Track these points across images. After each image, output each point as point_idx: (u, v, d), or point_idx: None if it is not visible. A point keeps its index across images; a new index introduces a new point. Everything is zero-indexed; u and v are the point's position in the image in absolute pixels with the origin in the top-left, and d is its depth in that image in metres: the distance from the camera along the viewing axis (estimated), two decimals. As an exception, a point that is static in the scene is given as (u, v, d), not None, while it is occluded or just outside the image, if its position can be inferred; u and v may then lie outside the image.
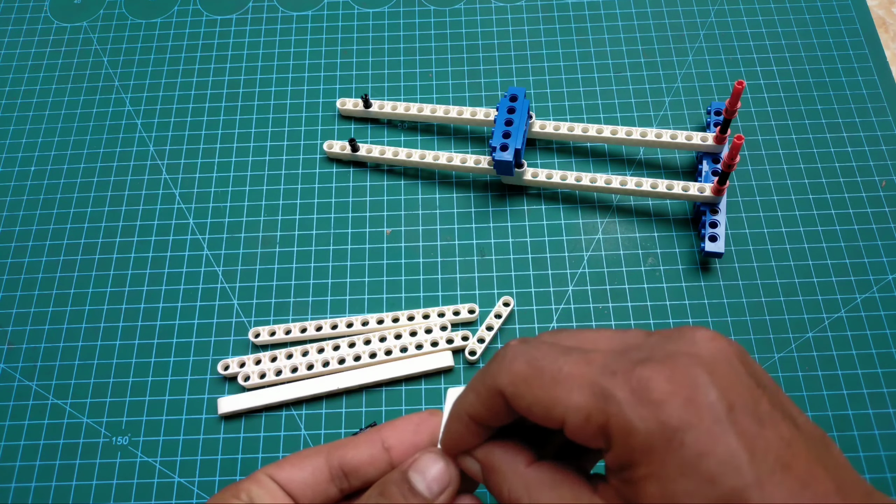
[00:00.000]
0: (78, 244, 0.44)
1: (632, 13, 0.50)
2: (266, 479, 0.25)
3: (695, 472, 0.18)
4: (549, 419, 0.21)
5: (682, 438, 0.19)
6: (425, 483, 0.23)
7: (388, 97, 0.48)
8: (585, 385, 0.20)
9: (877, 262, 0.41)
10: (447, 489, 0.23)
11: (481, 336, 0.39)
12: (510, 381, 0.22)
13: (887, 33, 0.49)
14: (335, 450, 0.25)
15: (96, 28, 0.52)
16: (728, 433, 0.18)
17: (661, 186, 0.41)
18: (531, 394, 0.21)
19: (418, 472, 0.23)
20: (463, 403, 0.24)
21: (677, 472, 0.18)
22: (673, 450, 0.19)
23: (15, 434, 0.38)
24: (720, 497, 0.18)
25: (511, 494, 0.22)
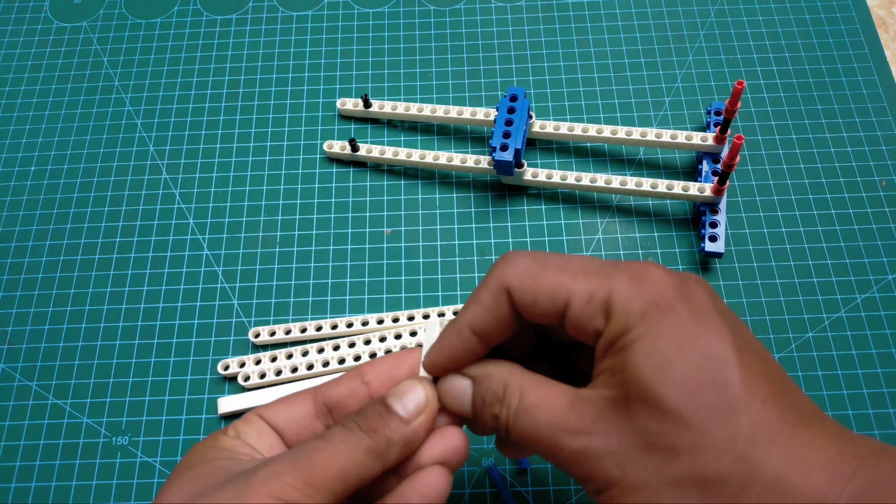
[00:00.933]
0: (78, 244, 0.44)
1: (632, 13, 0.50)
2: (255, 418, 0.26)
3: (684, 333, 0.21)
4: (552, 306, 0.22)
5: (675, 307, 0.21)
6: (402, 404, 0.23)
7: (388, 97, 0.48)
8: (590, 271, 0.22)
9: (877, 262, 0.41)
10: (425, 411, 0.24)
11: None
12: (517, 275, 0.23)
13: (887, 33, 0.49)
14: (319, 389, 0.26)
15: (96, 28, 0.52)
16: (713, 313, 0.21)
17: (661, 186, 0.41)
18: (537, 283, 0.23)
19: (395, 395, 0.24)
20: (463, 316, 0.24)
21: (669, 331, 0.21)
22: (665, 313, 0.21)
23: (15, 434, 0.38)
24: (705, 352, 0.20)
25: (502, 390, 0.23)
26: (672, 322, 0.21)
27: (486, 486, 0.36)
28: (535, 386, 0.23)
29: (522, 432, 0.23)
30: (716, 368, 0.20)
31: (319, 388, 0.26)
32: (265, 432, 0.25)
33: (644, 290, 0.21)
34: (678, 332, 0.21)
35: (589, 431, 0.21)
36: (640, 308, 0.21)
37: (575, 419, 0.22)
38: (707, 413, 0.20)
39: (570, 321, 0.23)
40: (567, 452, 0.21)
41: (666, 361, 0.20)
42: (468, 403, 0.24)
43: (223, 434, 0.25)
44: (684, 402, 0.20)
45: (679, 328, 0.21)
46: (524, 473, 0.36)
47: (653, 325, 0.21)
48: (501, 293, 0.23)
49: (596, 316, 0.22)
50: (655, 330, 0.21)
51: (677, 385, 0.20)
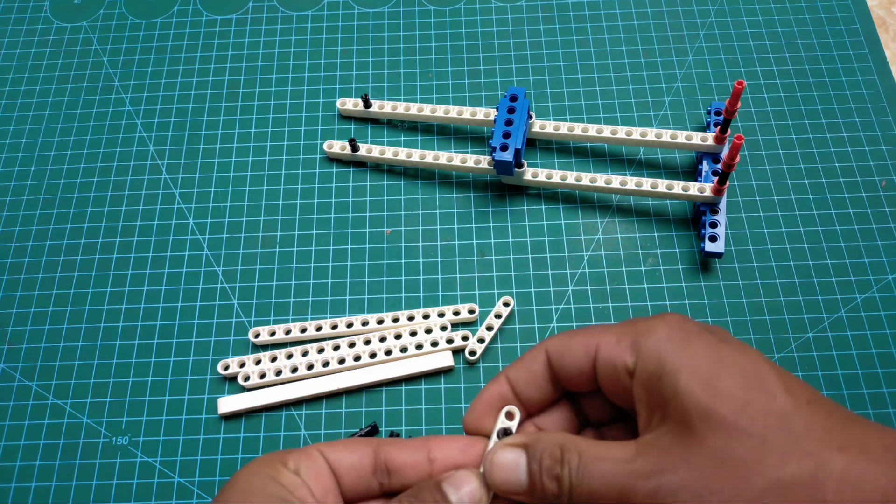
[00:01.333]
0: (78, 244, 0.44)
1: (632, 13, 0.50)
2: (318, 455, 0.25)
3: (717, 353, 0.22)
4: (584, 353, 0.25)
5: (699, 333, 0.23)
6: (458, 495, 0.24)
7: (388, 97, 0.48)
8: (615, 327, 0.25)
9: (877, 262, 0.41)
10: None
11: (481, 336, 0.39)
12: (554, 343, 0.26)
13: (887, 33, 0.49)
14: (384, 445, 0.26)
15: (96, 28, 0.52)
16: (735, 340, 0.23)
17: (661, 186, 0.41)
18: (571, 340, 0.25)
19: (453, 485, 0.24)
20: (505, 370, 0.27)
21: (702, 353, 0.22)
22: (692, 339, 0.23)
23: (15, 434, 0.38)
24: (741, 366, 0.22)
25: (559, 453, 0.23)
26: (702, 345, 0.22)
27: (486, 486, 0.36)
28: (591, 443, 0.23)
29: (589, 487, 0.22)
30: (758, 380, 0.21)
31: (384, 445, 0.26)
32: (324, 474, 0.25)
33: (666, 323, 0.24)
34: (711, 353, 0.22)
35: (660, 470, 0.21)
36: (667, 336, 0.23)
37: (643, 461, 0.22)
38: (764, 421, 0.20)
39: (601, 364, 0.24)
40: (641, 497, 0.21)
41: (712, 378, 0.21)
42: (523, 472, 0.24)
43: (283, 465, 0.24)
44: (741, 414, 0.21)
45: (711, 349, 0.22)
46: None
47: (685, 347, 0.22)
48: (539, 352, 0.26)
49: (626, 353, 0.24)
50: (690, 351, 0.22)
51: (730, 399, 0.21)
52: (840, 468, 0.20)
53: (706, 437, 0.21)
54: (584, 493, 0.22)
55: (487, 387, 0.27)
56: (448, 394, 0.38)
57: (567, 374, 0.26)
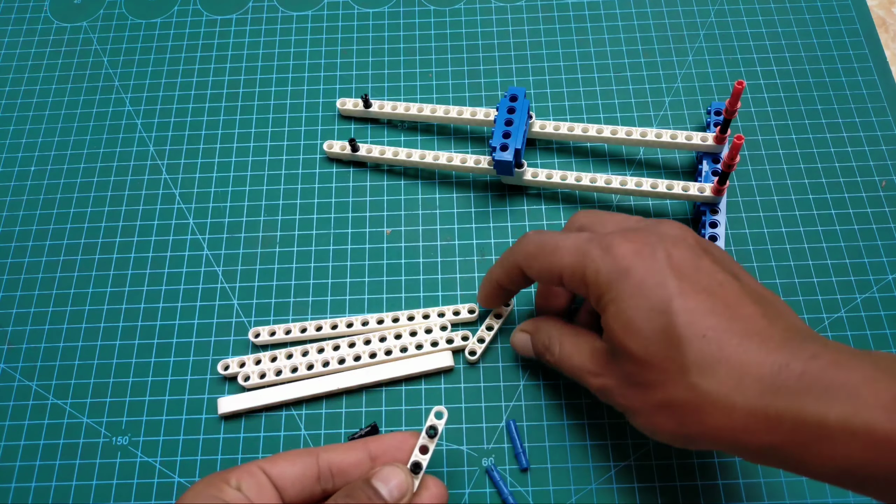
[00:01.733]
0: (78, 244, 0.44)
1: (632, 13, 0.50)
2: (258, 472, 0.27)
3: (638, 293, 0.27)
4: (551, 278, 0.31)
5: (630, 272, 0.27)
6: (387, 489, 0.27)
7: (388, 97, 0.48)
8: (573, 250, 0.30)
9: (877, 262, 0.41)
10: (406, 495, 0.27)
11: (481, 336, 0.39)
12: (523, 257, 0.32)
13: (887, 33, 0.49)
14: (325, 452, 0.29)
15: (96, 28, 0.52)
16: (663, 268, 0.27)
17: (661, 186, 0.41)
18: (538, 263, 0.31)
19: (381, 480, 0.27)
20: (492, 273, 0.35)
21: (626, 294, 0.27)
22: (623, 279, 0.28)
23: (15, 434, 0.38)
24: (652, 306, 0.27)
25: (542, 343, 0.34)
26: (629, 285, 0.27)
27: (486, 486, 0.36)
28: (569, 337, 0.33)
29: (564, 370, 0.33)
30: (662, 318, 0.26)
31: (325, 452, 0.29)
32: (266, 489, 0.27)
33: (608, 261, 0.28)
34: (634, 292, 0.27)
35: (602, 374, 0.30)
36: (605, 278, 0.28)
37: (593, 364, 0.30)
38: (662, 355, 0.26)
39: (567, 286, 0.31)
40: (593, 387, 0.31)
41: (627, 320, 0.27)
42: (531, 348, 0.35)
43: (225, 483, 0.26)
44: (645, 350, 0.27)
45: (635, 289, 0.27)
46: (524, 473, 0.36)
47: (616, 289, 0.28)
48: (514, 268, 0.33)
49: (579, 286, 0.30)
50: (618, 293, 0.28)
51: (638, 337, 0.27)
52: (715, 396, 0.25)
53: (624, 362, 0.28)
54: (566, 368, 0.32)
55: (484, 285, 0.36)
56: (448, 394, 0.38)
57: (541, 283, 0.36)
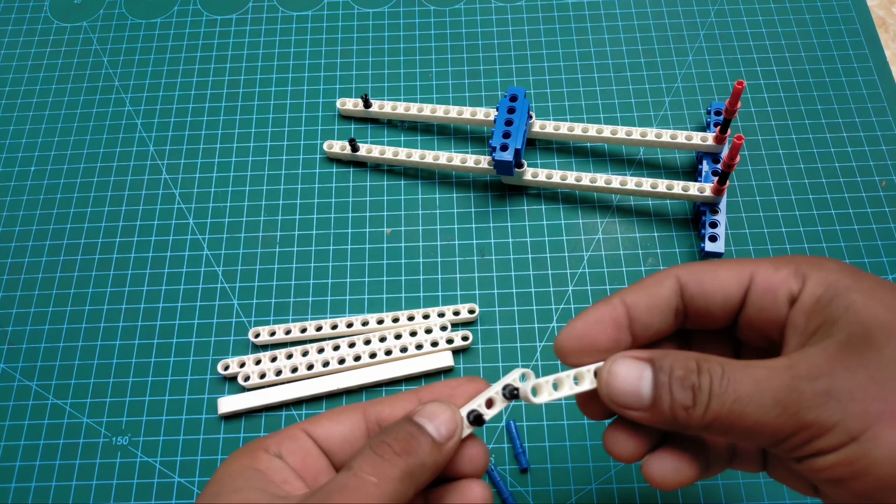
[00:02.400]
0: (78, 244, 0.44)
1: (632, 13, 0.50)
2: (301, 435, 0.24)
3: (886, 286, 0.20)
4: (734, 283, 0.22)
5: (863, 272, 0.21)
6: (434, 426, 0.22)
7: (388, 97, 0.48)
8: (766, 261, 0.22)
9: (877, 262, 0.41)
10: (454, 436, 0.23)
11: (477, 412, 0.38)
12: (689, 270, 0.23)
13: (887, 33, 0.49)
14: (372, 406, 0.25)
15: (96, 28, 0.52)
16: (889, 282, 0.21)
17: (661, 186, 0.41)
18: (718, 269, 0.23)
19: (426, 416, 0.23)
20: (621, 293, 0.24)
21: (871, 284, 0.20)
22: (859, 275, 0.21)
23: (15, 434, 0.38)
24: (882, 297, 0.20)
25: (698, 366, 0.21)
26: (870, 280, 0.21)
27: (486, 486, 0.36)
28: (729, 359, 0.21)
29: (736, 394, 0.19)
30: None
31: (372, 406, 0.25)
32: (311, 454, 0.23)
33: (832, 262, 0.22)
34: (884, 283, 0.20)
35: (830, 373, 0.19)
36: (837, 268, 0.21)
37: (807, 366, 0.19)
38: None
39: (758, 292, 0.22)
40: (809, 397, 0.19)
41: (892, 300, 0.20)
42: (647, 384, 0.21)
43: (264, 450, 0.23)
44: None
45: (883, 282, 0.21)
46: (524, 473, 0.36)
47: (857, 280, 0.21)
48: (668, 277, 0.23)
49: (790, 279, 0.22)
50: (864, 282, 0.20)
51: None
52: None
53: (889, 344, 0.19)
54: (729, 401, 0.19)
55: (596, 307, 0.23)
56: (448, 394, 0.38)
57: (706, 304, 0.23)
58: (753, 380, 0.19)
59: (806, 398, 0.19)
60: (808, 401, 0.19)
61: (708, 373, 0.20)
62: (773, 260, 0.23)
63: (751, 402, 0.19)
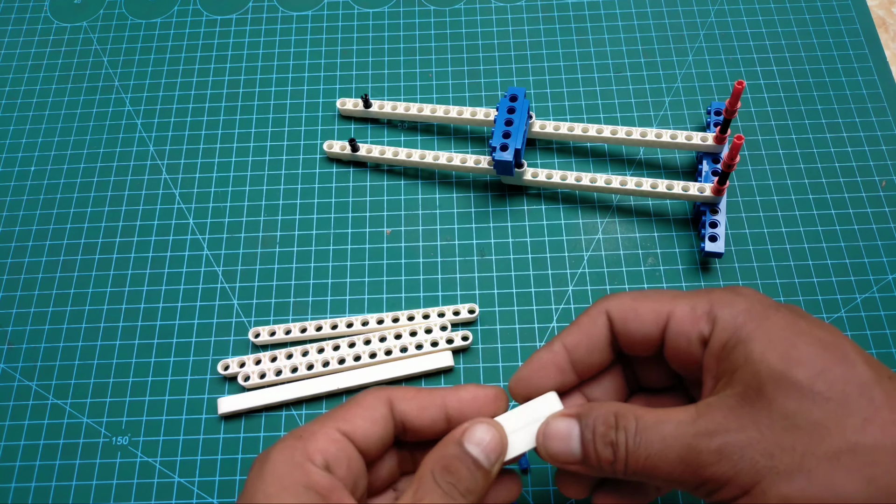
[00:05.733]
0: (78, 244, 0.44)
1: (632, 13, 0.50)
2: (342, 440, 0.24)
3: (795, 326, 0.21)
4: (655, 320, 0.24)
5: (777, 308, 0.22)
6: (485, 455, 0.23)
7: (388, 97, 0.48)
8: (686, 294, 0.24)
9: (877, 262, 0.41)
10: (500, 458, 0.23)
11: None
12: (617, 305, 0.25)
13: (887, 33, 0.49)
14: (398, 404, 0.25)
15: (96, 28, 0.52)
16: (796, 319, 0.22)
17: (661, 186, 0.41)
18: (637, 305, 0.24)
19: (475, 443, 0.23)
20: (560, 336, 0.26)
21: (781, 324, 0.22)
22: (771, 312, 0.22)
23: (15, 434, 0.38)
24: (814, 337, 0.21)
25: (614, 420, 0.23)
26: (780, 318, 0.22)
27: (486, 486, 0.36)
28: (647, 409, 0.22)
29: (647, 451, 0.21)
30: (838, 351, 0.21)
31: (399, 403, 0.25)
32: (354, 461, 0.24)
33: (744, 299, 0.23)
34: (790, 324, 0.22)
35: (726, 429, 0.20)
36: (745, 308, 0.22)
37: (706, 421, 0.21)
38: (843, 388, 0.20)
39: (673, 333, 0.24)
40: (705, 455, 0.20)
41: (790, 347, 0.21)
42: (576, 441, 0.23)
43: (310, 461, 0.22)
44: (819, 380, 0.20)
45: (790, 322, 0.22)
46: (524, 473, 0.36)
47: (763, 320, 0.22)
48: (600, 315, 0.25)
49: (701, 322, 0.23)
50: (768, 324, 0.22)
51: (808, 365, 0.20)
52: None
53: (777, 398, 0.20)
54: (642, 457, 0.21)
55: (539, 354, 0.25)
56: (448, 394, 0.38)
57: (630, 340, 0.25)
58: (661, 437, 0.21)
59: (703, 457, 0.20)
60: (705, 459, 0.20)
61: (623, 430, 0.22)
62: (691, 297, 0.24)
63: (659, 459, 0.21)
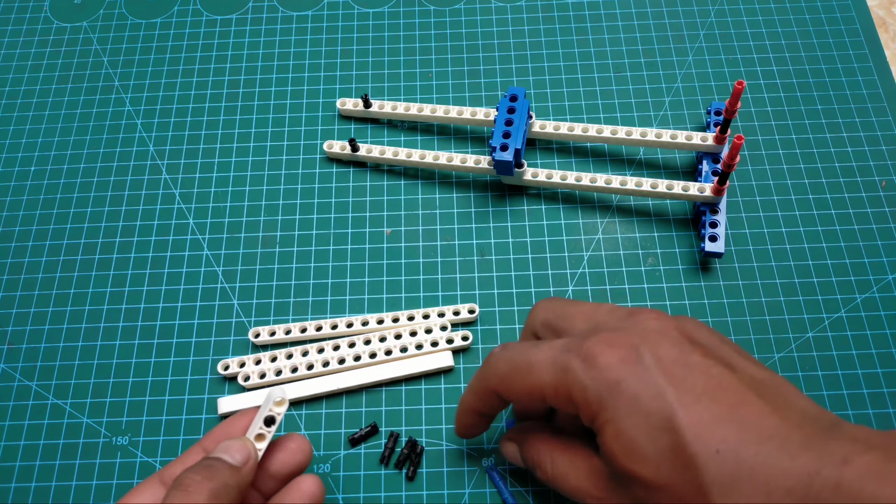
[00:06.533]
0: (78, 244, 0.44)
1: (632, 13, 0.50)
2: None
3: (636, 410, 0.24)
4: (535, 399, 0.27)
5: (621, 386, 0.24)
6: (228, 455, 0.27)
7: (388, 97, 0.48)
8: (549, 366, 0.26)
9: (877, 262, 0.41)
10: (250, 459, 0.27)
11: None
12: (498, 381, 0.29)
13: (887, 33, 0.49)
14: (165, 470, 0.29)
15: (96, 28, 0.52)
16: (656, 377, 0.24)
17: (661, 186, 0.41)
18: (516, 386, 0.28)
19: (219, 451, 0.27)
20: (466, 402, 0.31)
21: (623, 413, 0.24)
22: (615, 395, 0.25)
23: (15, 434, 0.38)
24: (655, 425, 0.24)
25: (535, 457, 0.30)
26: (623, 402, 0.24)
27: (486, 486, 0.36)
28: (562, 453, 0.29)
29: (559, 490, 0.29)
30: (668, 437, 0.24)
31: (166, 470, 0.29)
32: None
33: (594, 376, 0.25)
34: (631, 410, 0.24)
35: (604, 497, 0.27)
36: (595, 396, 0.25)
37: (592, 486, 0.27)
38: (676, 478, 0.23)
39: (553, 406, 0.27)
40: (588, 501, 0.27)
41: (630, 442, 0.24)
42: (521, 460, 0.31)
43: None
44: (656, 474, 0.24)
45: (631, 406, 0.24)
46: (524, 473, 0.36)
47: (610, 408, 0.25)
48: (490, 393, 0.29)
49: (568, 406, 0.26)
50: (613, 413, 0.25)
51: (646, 461, 0.24)
52: None
53: (632, 487, 0.25)
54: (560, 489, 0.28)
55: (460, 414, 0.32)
56: (448, 394, 0.38)
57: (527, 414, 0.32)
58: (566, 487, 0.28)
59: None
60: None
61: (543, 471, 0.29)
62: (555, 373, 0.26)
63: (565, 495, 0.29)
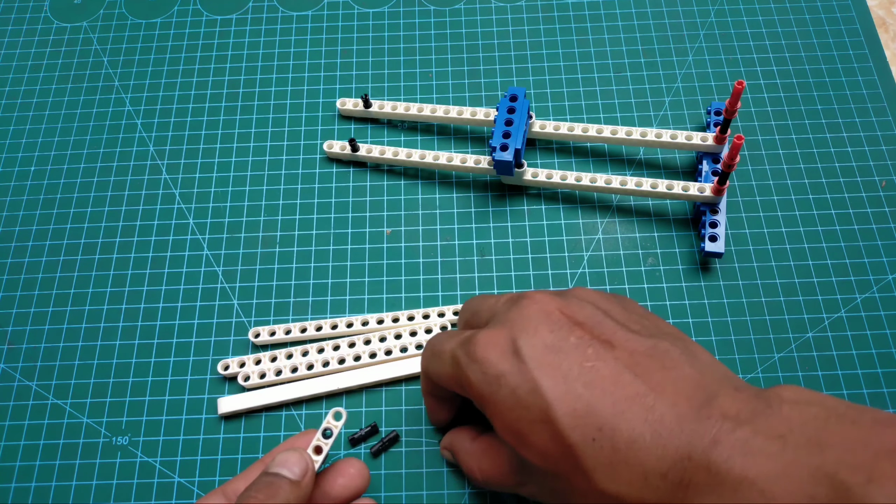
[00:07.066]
0: (78, 244, 0.44)
1: (632, 13, 0.50)
2: None
3: (516, 404, 0.25)
4: (448, 386, 0.29)
5: (501, 382, 0.26)
6: (286, 468, 0.27)
7: (388, 97, 0.48)
8: (449, 358, 0.28)
9: (877, 262, 0.41)
10: (307, 472, 0.28)
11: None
12: (424, 365, 0.31)
13: (887, 33, 0.49)
14: (228, 485, 0.30)
15: (96, 28, 0.52)
16: (532, 370, 0.25)
17: (661, 186, 0.41)
18: (433, 373, 0.30)
19: (277, 465, 0.28)
20: (421, 385, 0.34)
21: (506, 407, 0.25)
22: (497, 390, 0.26)
23: (15, 434, 0.38)
24: (534, 418, 0.25)
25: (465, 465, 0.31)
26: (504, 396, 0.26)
27: (486, 486, 0.36)
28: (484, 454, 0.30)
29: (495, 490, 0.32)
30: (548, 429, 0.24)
31: (229, 485, 0.30)
32: None
33: (476, 370, 0.26)
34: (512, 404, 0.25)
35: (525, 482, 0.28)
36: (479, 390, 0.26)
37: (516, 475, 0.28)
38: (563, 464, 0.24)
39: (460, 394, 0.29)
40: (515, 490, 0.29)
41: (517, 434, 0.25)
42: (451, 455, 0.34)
43: None
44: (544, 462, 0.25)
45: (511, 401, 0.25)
46: None
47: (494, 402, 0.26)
48: (426, 378, 0.32)
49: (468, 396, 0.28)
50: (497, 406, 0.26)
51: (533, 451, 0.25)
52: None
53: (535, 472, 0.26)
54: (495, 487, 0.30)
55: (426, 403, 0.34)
56: (448, 394, 0.38)
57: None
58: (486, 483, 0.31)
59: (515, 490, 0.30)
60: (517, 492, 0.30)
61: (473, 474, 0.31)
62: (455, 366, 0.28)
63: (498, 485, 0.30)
